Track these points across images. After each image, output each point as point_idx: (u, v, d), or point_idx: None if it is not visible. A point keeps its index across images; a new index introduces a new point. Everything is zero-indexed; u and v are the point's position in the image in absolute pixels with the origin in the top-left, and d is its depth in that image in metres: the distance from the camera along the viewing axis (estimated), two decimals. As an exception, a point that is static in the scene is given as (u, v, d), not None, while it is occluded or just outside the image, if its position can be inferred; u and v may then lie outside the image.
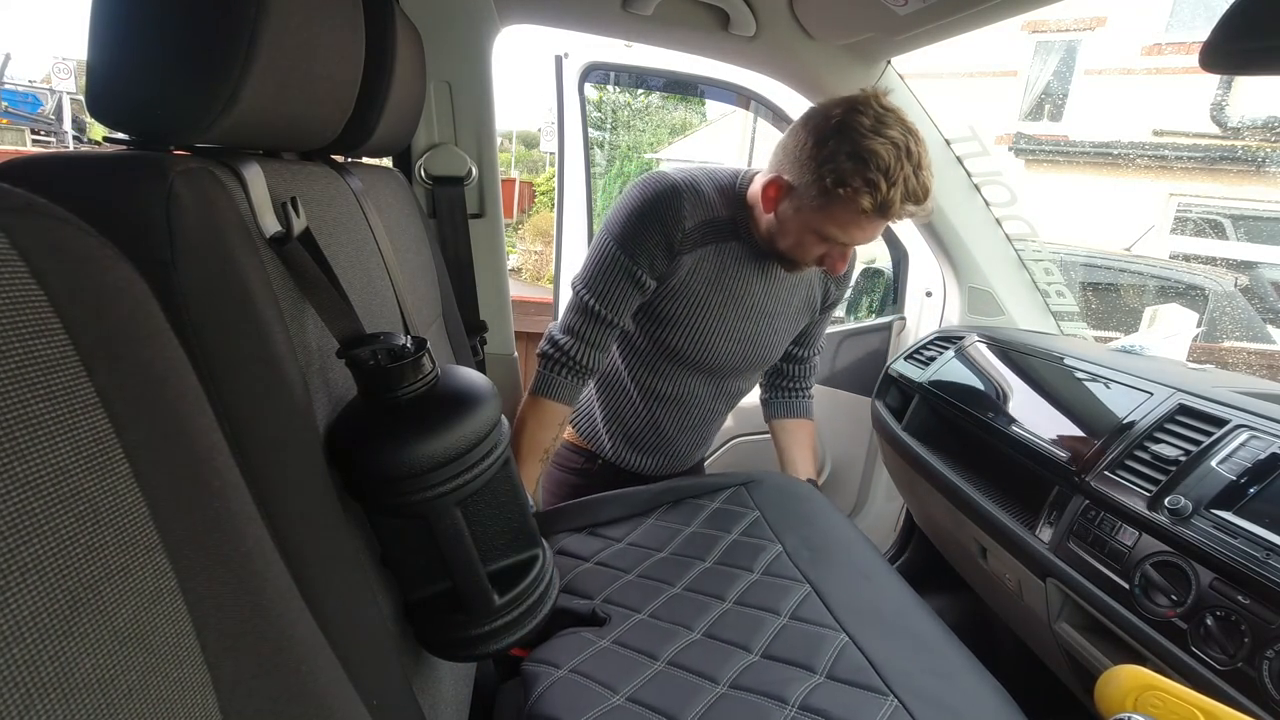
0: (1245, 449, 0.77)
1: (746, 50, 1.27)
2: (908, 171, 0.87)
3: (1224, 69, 0.48)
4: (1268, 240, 6.13)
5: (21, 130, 11.47)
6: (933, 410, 1.28)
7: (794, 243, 0.99)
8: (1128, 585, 0.77)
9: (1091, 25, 7.78)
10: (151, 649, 0.26)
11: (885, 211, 0.89)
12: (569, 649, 0.74)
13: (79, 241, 0.28)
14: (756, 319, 1.11)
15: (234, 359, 0.39)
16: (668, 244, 1.00)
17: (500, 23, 1.17)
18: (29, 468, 0.23)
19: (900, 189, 0.87)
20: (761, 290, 1.10)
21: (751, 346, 1.13)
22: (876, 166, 0.86)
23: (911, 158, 0.88)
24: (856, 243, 0.97)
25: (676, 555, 0.92)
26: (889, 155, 0.86)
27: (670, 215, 0.99)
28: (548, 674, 0.70)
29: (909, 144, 0.88)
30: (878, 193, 0.87)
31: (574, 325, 1.04)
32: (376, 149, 0.75)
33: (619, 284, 1.02)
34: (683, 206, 1.00)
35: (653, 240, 1.00)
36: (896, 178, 0.86)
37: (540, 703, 0.66)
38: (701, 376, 1.14)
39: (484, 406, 0.53)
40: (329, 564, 0.45)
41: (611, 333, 1.05)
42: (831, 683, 0.67)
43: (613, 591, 0.85)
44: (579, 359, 1.04)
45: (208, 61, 0.39)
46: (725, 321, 1.08)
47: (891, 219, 0.91)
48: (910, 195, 0.88)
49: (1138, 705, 0.51)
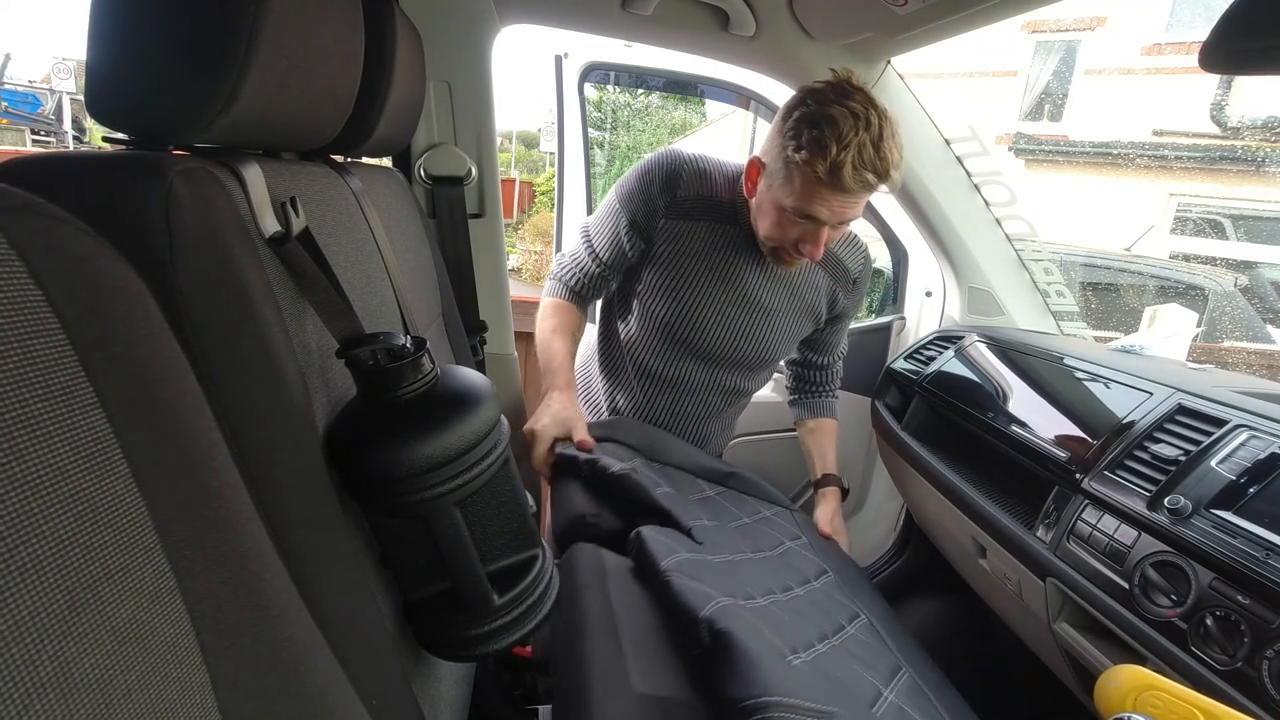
0: (1245, 449, 0.77)
1: (746, 50, 1.26)
2: (863, 139, 0.86)
3: (1224, 69, 0.48)
4: (1268, 240, 6.13)
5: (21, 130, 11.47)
6: (932, 410, 1.28)
7: (768, 224, 1.00)
8: (1127, 585, 0.77)
9: (1091, 25, 7.77)
10: (150, 649, 0.26)
11: (836, 176, 0.87)
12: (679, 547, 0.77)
13: (77, 241, 0.28)
14: (751, 310, 1.12)
15: (233, 359, 0.39)
16: (653, 204, 1.07)
17: (500, 23, 1.17)
18: (28, 468, 0.23)
19: (853, 154, 0.86)
20: (757, 282, 1.11)
21: (745, 339, 1.14)
22: (829, 131, 0.87)
23: (870, 128, 0.87)
24: (819, 217, 0.94)
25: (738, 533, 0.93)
26: (844, 121, 0.87)
27: (664, 179, 1.06)
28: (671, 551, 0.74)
29: (869, 115, 0.88)
30: (827, 155, 0.86)
31: (573, 250, 1.17)
32: (376, 149, 0.75)
33: (609, 228, 1.11)
34: (679, 175, 1.07)
35: (641, 196, 1.07)
36: (849, 143, 0.86)
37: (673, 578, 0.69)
38: (695, 362, 1.15)
39: (483, 407, 0.53)
40: (328, 564, 0.45)
41: (602, 271, 1.14)
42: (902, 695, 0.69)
43: (696, 528, 0.86)
44: (571, 282, 1.16)
45: (207, 61, 0.39)
46: (715, 302, 1.10)
47: (845, 189, 0.89)
48: (866, 164, 0.87)
49: (1137, 705, 0.51)
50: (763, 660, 0.58)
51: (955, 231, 1.43)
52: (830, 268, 1.16)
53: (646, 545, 0.76)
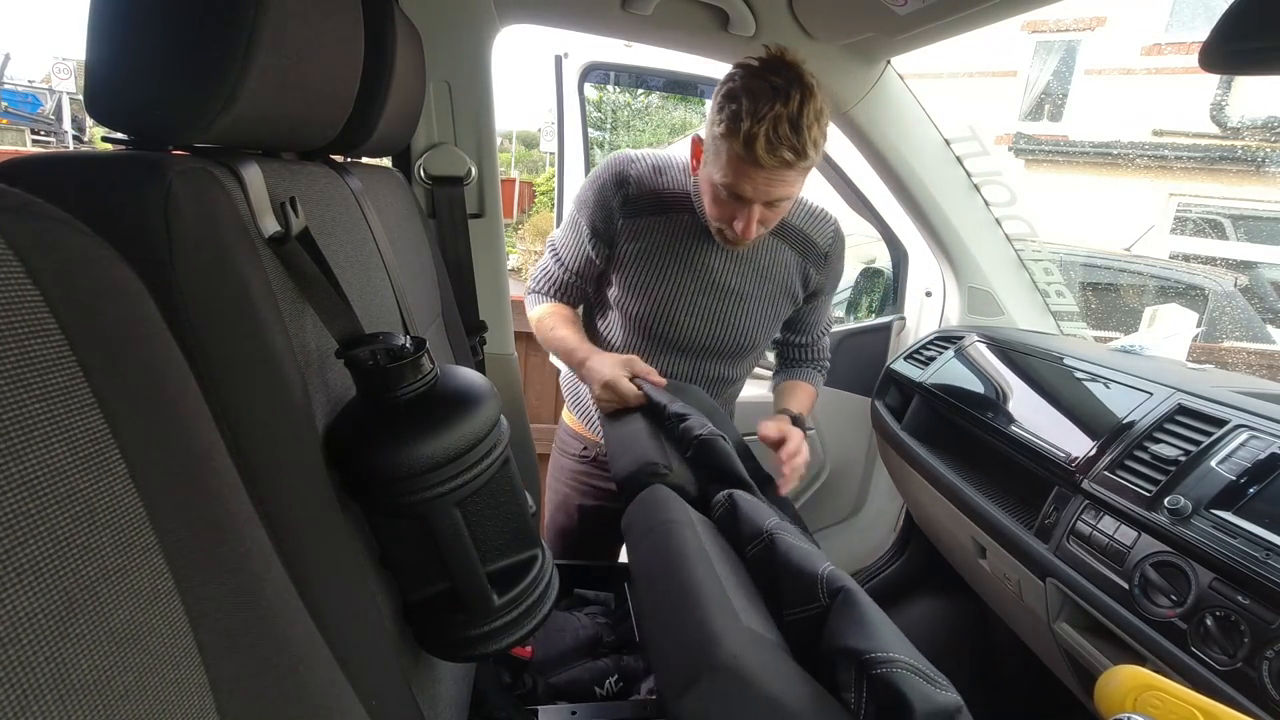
0: (1245, 449, 0.77)
1: (746, 50, 1.25)
2: (779, 114, 0.86)
3: (1224, 69, 0.48)
4: (1268, 240, 6.13)
5: (21, 130, 11.47)
6: (932, 410, 1.28)
7: (707, 202, 1.01)
8: (1127, 585, 0.77)
9: (1091, 25, 7.78)
10: (148, 650, 0.26)
11: (750, 148, 0.87)
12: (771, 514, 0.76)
13: (76, 241, 0.28)
14: (723, 297, 1.12)
15: (232, 359, 0.39)
16: (608, 207, 1.08)
17: (500, 23, 1.17)
18: (25, 468, 0.23)
19: (766, 129, 0.86)
20: (724, 267, 1.11)
21: (722, 326, 1.14)
22: (745, 106, 0.87)
23: (789, 103, 0.86)
24: (742, 193, 0.93)
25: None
26: (763, 95, 0.86)
27: (614, 180, 1.08)
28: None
29: (789, 90, 0.87)
30: (740, 129, 0.86)
31: (542, 264, 1.21)
32: (376, 149, 0.75)
33: (573, 238, 1.13)
34: (628, 174, 1.08)
35: (596, 200, 1.09)
36: (764, 116, 0.85)
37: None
38: (677, 356, 1.15)
39: (483, 407, 0.53)
40: (328, 564, 0.45)
41: (573, 280, 1.17)
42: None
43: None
44: (546, 290, 1.19)
45: (206, 61, 0.39)
46: (685, 292, 1.10)
47: (761, 161, 0.88)
48: (781, 139, 0.86)
49: (1137, 705, 0.51)
50: (883, 621, 0.58)
51: (955, 231, 1.43)
52: (797, 244, 1.15)
53: (741, 506, 0.75)
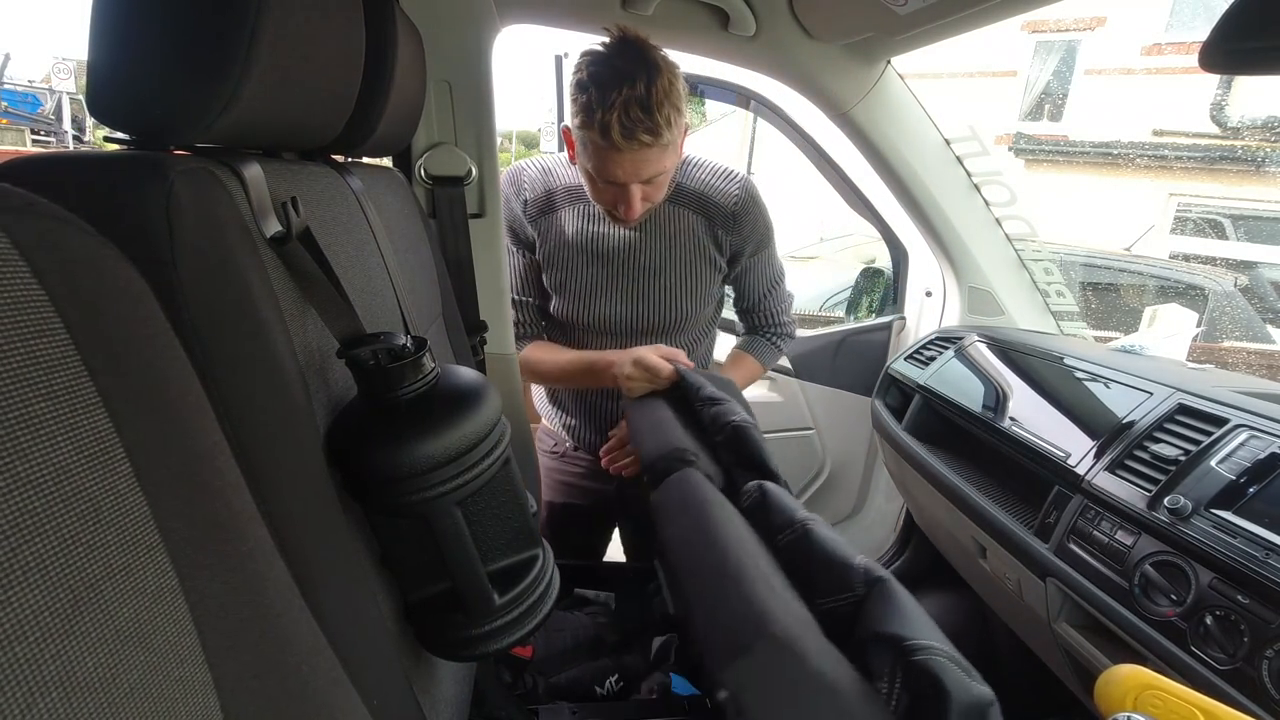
0: (1245, 449, 0.77)
1: (746, 50, 1.26)
2: (627, 98, 0.86)
3: (1224, 69, 0.48)
4: (1268, 240, 6.13)
5: (21, 130, 11.46)
6: (932, 410, 1.28)
7: (589, 189, 1.02)
8: (1127, 585, 0.77)
9: (1091, 25, 7.78)
10: (153, 648, 0.26)
11: (607, 136, 0.88)
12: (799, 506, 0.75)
13: (79, 241, 0.28)
14: (637, 276, 1.12)
15: (234, 359, 0.39)
16: (515, 216, 1.13)
17: (500, 23, 1.17)
18: (31, 467, 0.23)
19: (618, 114, 0.86)
20: (631, 246, 1.10)
21: (643, 304, 1.13)
22: (594, 95, 0.87)
23: (634, 84, 0.86)
24: (610, 177, 0.94)
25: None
26: (609, 81, 0.87)
27: (512, 193, 1.13)
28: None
29: (635, 72, 0.87)
30: (594, 118, 0.87)
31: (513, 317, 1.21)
32: (376, 149, 0.75)
33: (510, 265, 1.18)
34: (521, 180, 1.12)
35: (507, 216, 1.14)
36: (613, 101, 0.86)
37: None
38: (608, 339, 1.15)
39: (484, 406, 0.53)
40: (329, 564, 0.45)
41: (537, 303, 1.19)
42: None
43: None
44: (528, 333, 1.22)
45: (208, 61, 0.39)
46: (599, 279, 1.11)
47: (619, 145, 0.89)
48: (635, 122, 0.87)
49: (1138, 705, 0.51)
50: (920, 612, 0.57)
51: (955, 231, 1.43)
52: (699, 208, 1.12)
53: (772, 496, 0.75)
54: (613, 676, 1.04)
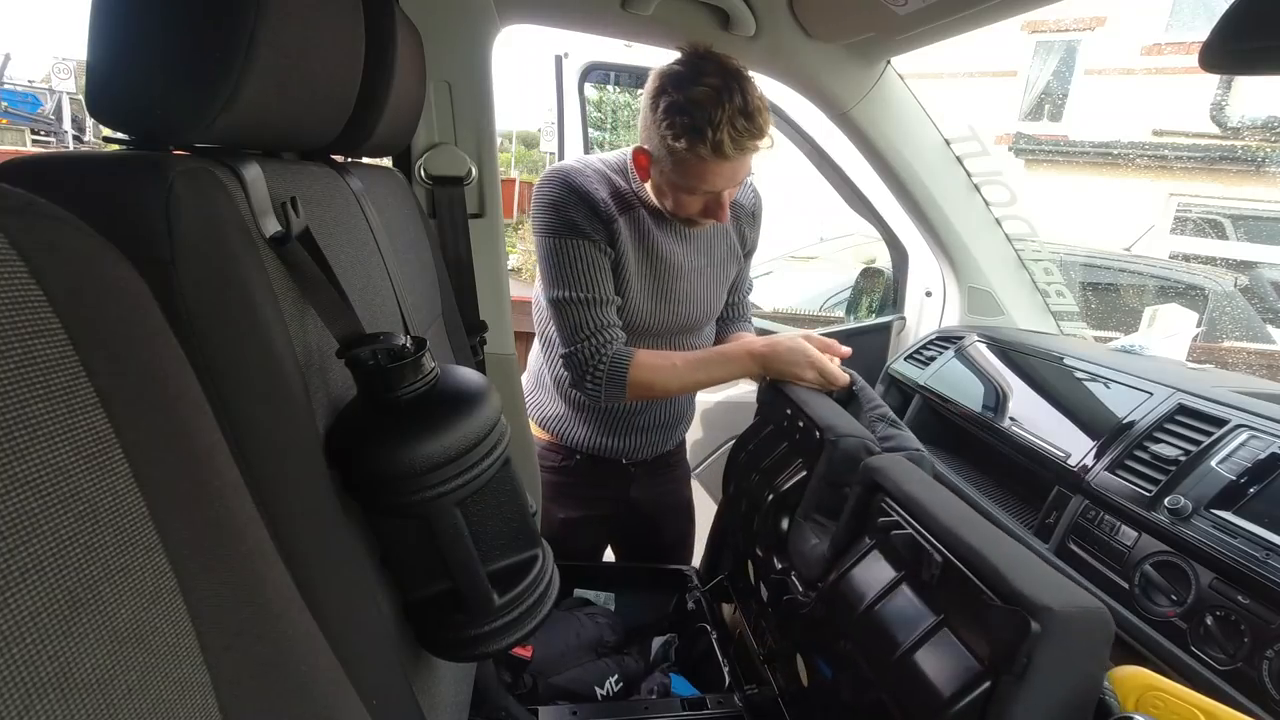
0: (1245, 449, 0.77)
1: (746, 50, 1.26)
2: (730, 112, 0.90)
3: (1224, 69, 0.48)
4: (1268, 240, 6.13)
5: (21, 130, 11.48)
6: (932, 410, 1.28)
7: (672, 203, 1.03)
8: (1128, 585, 0.77)
9: (1091, 25, 7.77)
10: (151, 649, 0.26)
11: (719, 152, 0.91)
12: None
13: (79, 241, 0.28)
14: (687, 277, 1.15)
15: (234, 359, 0.39)
16: (595, 212, 1.04)
17: (500, 23, 1.17)
18: (29, 468, 0.23)
19: (728, 129, 0.90)
20: (681, 249, 1.13)
21: (691, 304, 1.17)
22: (700, 114, 0.90)
23: (733, 97, 0.90)
24: (717, 188, 0.98)
25: None
26: (708, 101, 0.89)
27: (585, 188, 1.04)
28: None
29: (727, 83, 0.91)
30: (706, 139, 0.90)
31: (572, 322, 1.04)
32: (376, 149, 0.75)
33: (594, 264, 1.04)
34: (589, 180, 1.06)
35: (583, 213, 1.03)
36: (720, 119, 0.89)
37: None
38: (650, 340, 1.16)
39: (484, 406, 0.53)
40: (329, 564, 0.45)
41: (611, 309, 1.06)
42: None
43: None
44: (604, 349, 1.03)
45: (208, 61, 0.39)
46: (656, 285, 1.12)
47: (730, 158, 0.93)
48: (743, 132, 0.91)
49: (1139, 706, 0.51)
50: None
51: (955, 231, 1.43)
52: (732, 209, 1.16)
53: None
54: (612, 677, 1.04)
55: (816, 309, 2.98)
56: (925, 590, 0.64)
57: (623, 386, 1.04)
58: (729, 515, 1.27)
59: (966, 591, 0.58)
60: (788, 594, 0.88)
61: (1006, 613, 0.53)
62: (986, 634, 0.55)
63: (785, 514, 0.96)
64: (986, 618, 0.55)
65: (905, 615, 0.64)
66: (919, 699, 0.58)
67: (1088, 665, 0.52)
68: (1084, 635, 0.51)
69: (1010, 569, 0.55)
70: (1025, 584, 0.53)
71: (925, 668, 0.59)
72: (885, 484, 0.74)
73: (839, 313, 2.62)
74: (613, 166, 1.11)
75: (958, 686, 0.55)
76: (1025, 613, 0.51)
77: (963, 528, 0.63)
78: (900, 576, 0.67)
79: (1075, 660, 0.52)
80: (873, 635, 0.67)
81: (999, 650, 0.53)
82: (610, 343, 1.04)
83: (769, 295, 3.14)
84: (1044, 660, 0.50)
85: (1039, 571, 0.55)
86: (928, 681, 0.58)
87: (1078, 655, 0.52)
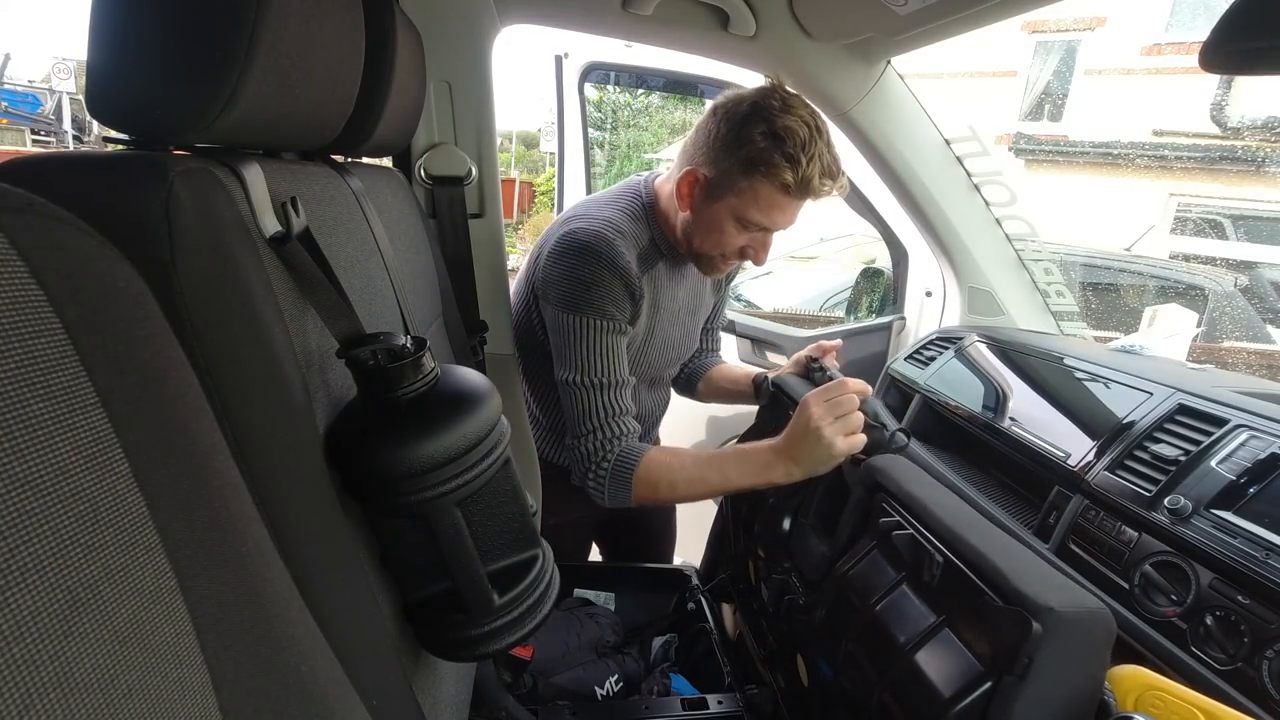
0: (1245, 449, 0.77)
1: (746, 50, 1.26)
2: (821, 148, 0.89)
3: (1224, 69, 0.48)
4: (1268, 240, 6.13)
5: (21, 130, 11.48)
6: (933, 410, 1.28)
7: (716, 236, 0.97)
8: (1127, 585, 0.77)
9: (1091, 25, 7.78)
10: (151, 649, 0.26)
11: (806, 188, 0.90)
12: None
13: (79, 241, 0.28)
14: (682, 321, 1.15)
15: (234, 359, 0.39)
16: (630, 292, 0.97)
17: (500, 23, 1.17)
18: (29, 467, 0.23)
19: (818, 165, 0.89)
20: (684, 294, 1.13)
21: (682, 348, 1.18)
22: (794, 142, 0.87)
23: (823, 135, 0.90)
24: (778, 227, 0.96)
25: None
26: (803, 131, 0.88)
27: (623, 267, 0.95)
28: None
29: (817, 122, 0.90)
30: (798, 168, 0.88)
31: (587, 413, 0.95)
32: (376, 149, 0.75)
33: (612, 348, 0.96)
34: (623, 251, 0.96)
35: (617, 295, 0.96)
36: (813, 153, 0.88)
37: None
38: (642, 387, 1.15)
39: (484, 407, 0.53)
40: (329, 564, 0.45)
41: (626, 392, 0.98)
42: None
43: None
44: (612, 444, 0.95)
45: (207, 61, 0.39)
46: (660, 336, 1.11)
47: (811, 196, 0.92)
48: (827, 171, 0.90)
49: (1139, 705, 0.51)
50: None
51: (955, 231, 1.43)
52: None
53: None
54: (613, 677, 1.04)
55: (816, 309, 2.98)
56: (926, 591, 0.64)
57: (628, 487, 0.94)
58: (730, 515, 1.27)
59: (968, 592, 0.58)
60: (789, 594, 0.88)
61: (1008, 613, 0.53)
62: (988, 634, 0.55)
63: (787, 514, 0.96)
64: (988, 618, 0.55)
65: (906, 616, 0.64)
66: (920, 699, 0.58)
67: (1089, 665, 0.52)
68: (1085, 636, 0.52)
69: (1012, 569, 0.55)
70: (1027, 584, 0.53)
71: (926, 668, 0.59)
72: (887, 484, 0.74)
73: (839, 313, 2.62)
74: (631, 213, 1.02)
75: (959, 687, 0.55)
76: (1027, 613, 0.51)
77: (964, 528, 0.63)
78: (901, 577, 0.67)
79: (1077, 660, 0.52)
80: (874, 636, 0.67)
81: (1000, 651, 0.53)
82: (620, 436, 0.95)
83: (769, 295, 3.13)
84: (1045, 660, 0.50)
85: (1040, 572, 0.55)
86: (929, 682, 0.58)
87: (1079, 656, 0.52)
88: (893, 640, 0.63)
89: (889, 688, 0.63)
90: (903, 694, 0.61)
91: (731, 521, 1.23)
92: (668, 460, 0.94)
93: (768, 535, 0.97)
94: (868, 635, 0.68)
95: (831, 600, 0.77)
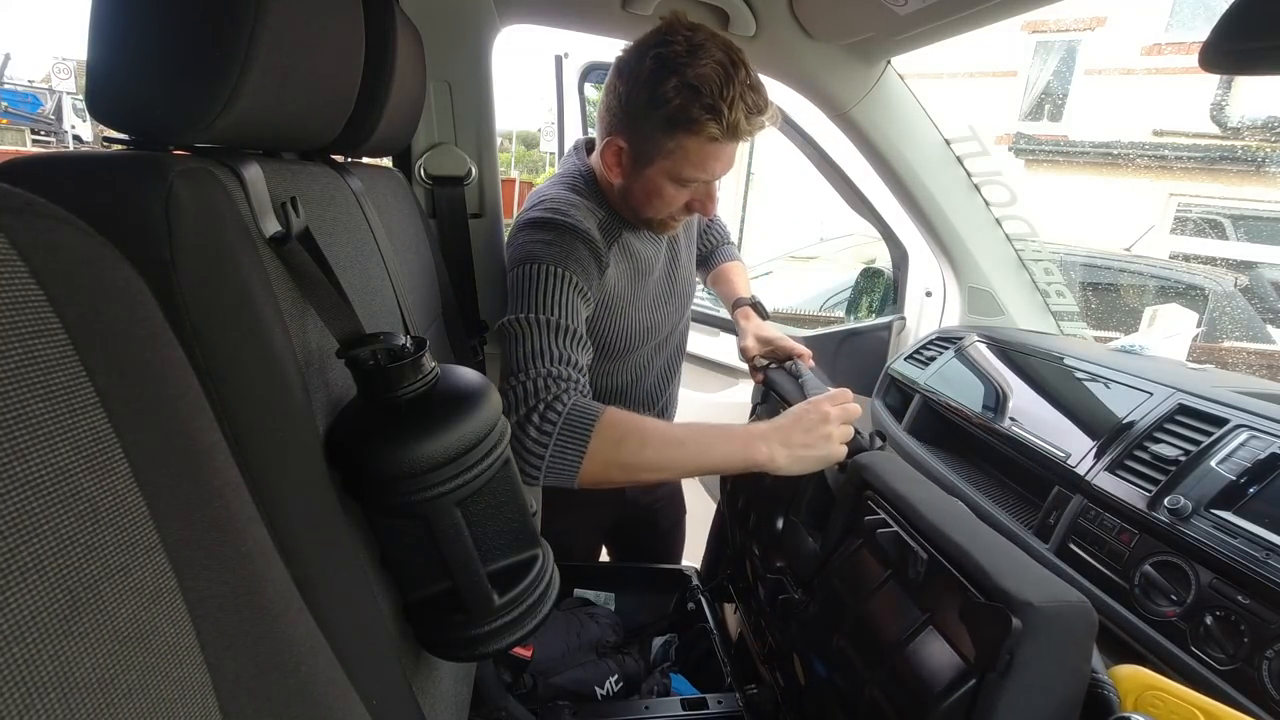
0: (1245, 449, 0.77)
1: (746, 50, 1.26)
2: (740, 88, 0.83)
3: (1224, 69, 0.48)
4: (1268, 240, 6.13)
5: (21, 130, 11.48)
6: (933, 410, 1.28)
7: (656, 200, 0.94)
8: (1127, 585, 0.77)
9: (1091, 25, 7.77)
10: (151, 649, 0.26)
11: (735, 133, 0.85)
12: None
13: (79, 241, 0.28)
14: (671, 280, 1.13)
15: (233, 359, 0.39)
16: (596, 258, 0.94)
17: (500, 23, 1.17)
18: (29, 468, 0.23)
19: (741, 107, 0.83)
20: (660, 254, 1.10)
21: (679, 302, 1.16)
22: (711, 91, 0.81)
23: (739, 70, 0.83)
24: (717, 175, 0.92)
25: None
26: (719, 75, 0.82)
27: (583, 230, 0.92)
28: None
29: (731, 56, 0.83)
30: (722, 118, 0.83)
31: (535, 352, 0.81)
32: (376, 149, 0.75)
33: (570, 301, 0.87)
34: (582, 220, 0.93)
35: (581, 254, 0.91)
36: (733, 96, 0.82)
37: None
38: (645, 350, 1.13)
39: (484, 406, 0.53)
40: (329, 564, 0.45)
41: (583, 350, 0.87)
42: None
43: None
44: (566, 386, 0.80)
45: (207, 61, 0.39)
46: (647, 300, 1.09)
47: (742, 138, 0.87)
48: (753, 108, 0.84)
49: (1138, 705, 0.51)
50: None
51: (955, 231, 1.43)
52: None
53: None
54: (612, 677, 1.04)
55: (816, 309, 2.98)
56: (912, 588, 0.64)
57: (584, 440, 0.76)
58: (728, 514, 1.27)
59: (951, 588, 0.58)
60: (783, 593, 0.88)
61: (989, 609, 0.52)
62: (970, 631, 0.55)
63: (779, 512, 0.96)
64: (970, 615, 0.55)
65: (894, 613, 0.64)
66: (909, 696, 0.58)
67: (1072, 660, 0.52)
68: (1066, 630, 0.51)
69: (993, 565, 0.55)
70: (1007, 580, 0.53)
71: (913, 665, 0.59)
72: (873, 481, 0.74)
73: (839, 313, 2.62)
74: (579, 191, 0.99)
75: (944, 684, 0.55)
76: (1007, 609, 0.51)
77: (948, 525, 0.63)
78: (888, 575, 0.67)
79: (1059, 655, 0.51)
80: (863, 633, 0.67)
81: (982, 647, 0.53)
82: (574, 383, 0.81)
83: (769, 295, 3.14)
84: (1027, 656, 0.50)
85: (1022, 567, 0.55)
86: (916, 679, 0.58)
87: (1061, 650, 0.51)
88: (881, 638, 0.64)
89: (879, 685, 0.63)
90: (892, 691, 0.61)
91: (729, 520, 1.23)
92: (636, 418, 0.81)
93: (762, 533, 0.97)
94: (857, 633, 0.68)
95: (821, 598, 0.77)
